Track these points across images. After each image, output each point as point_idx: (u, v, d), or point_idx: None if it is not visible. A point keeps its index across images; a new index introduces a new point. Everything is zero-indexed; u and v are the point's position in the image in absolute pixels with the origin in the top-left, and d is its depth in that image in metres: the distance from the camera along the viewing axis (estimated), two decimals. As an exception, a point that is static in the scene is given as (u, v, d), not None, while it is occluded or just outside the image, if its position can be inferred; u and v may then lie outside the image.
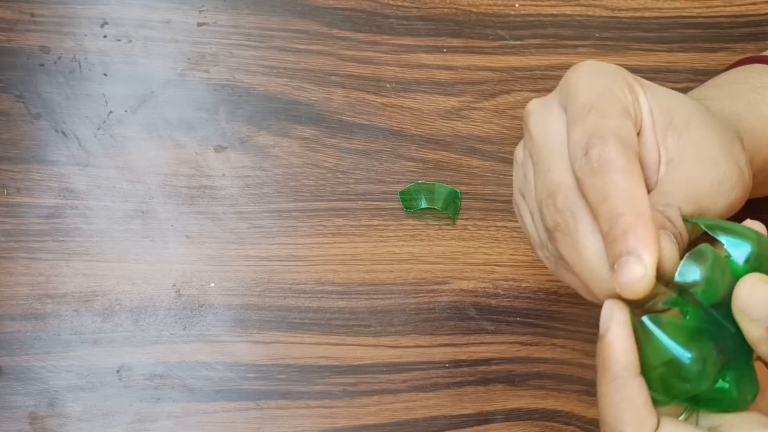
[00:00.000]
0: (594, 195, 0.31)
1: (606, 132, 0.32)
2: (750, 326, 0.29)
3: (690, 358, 0.30)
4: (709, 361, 0.30)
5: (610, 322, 0.31)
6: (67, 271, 0.50)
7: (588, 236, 0.32)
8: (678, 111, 0.35)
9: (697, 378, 0.30)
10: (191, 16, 0.53)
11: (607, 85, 0.34)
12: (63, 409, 0.48)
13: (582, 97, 0.33)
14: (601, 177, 0.31)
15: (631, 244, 0.30)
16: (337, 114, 0.53)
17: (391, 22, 0.54)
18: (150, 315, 0.49)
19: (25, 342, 0.49)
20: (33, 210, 0.50)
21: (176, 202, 0.51)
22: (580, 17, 0.55)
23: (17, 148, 0.51)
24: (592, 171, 0.31)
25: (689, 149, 0.34)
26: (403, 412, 0.49)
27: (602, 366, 0.31)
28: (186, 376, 0.49)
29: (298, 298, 0.50)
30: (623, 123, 0.32)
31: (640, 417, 0.31)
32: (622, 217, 0.30)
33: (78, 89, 0.52)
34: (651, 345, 0.31)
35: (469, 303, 0.51)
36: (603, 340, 0.31)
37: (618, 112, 0.33)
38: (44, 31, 0.52)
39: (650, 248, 0.30)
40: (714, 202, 0.34)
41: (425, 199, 0.51)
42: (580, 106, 0.33)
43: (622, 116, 0.33)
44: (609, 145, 0.31)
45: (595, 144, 0.31)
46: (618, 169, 0.31)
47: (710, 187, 0.33)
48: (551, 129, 0.35)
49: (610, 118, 0.32)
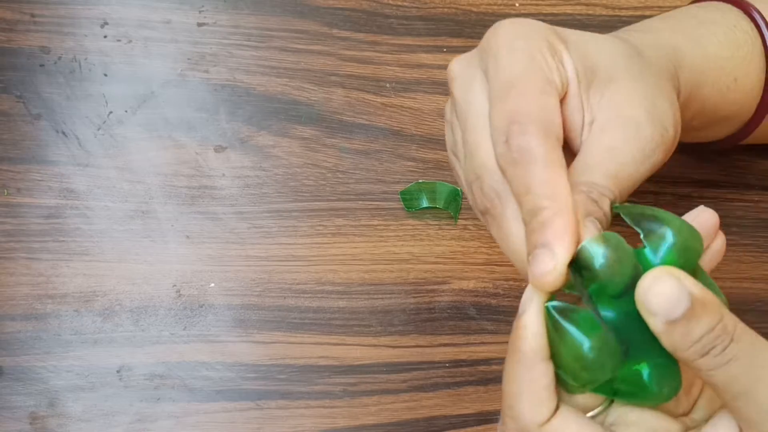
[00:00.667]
0: (516, 186, 0.32)
1: (526, 117, 0.31)
2: (651, 319, 0.28)
3: (588, 347, 0.30)
4: (606, 351, 0.30)
5: (529, 304, 0.31)
6: (67, 271, 0.50)
7: (513, 222, 0.33)
8: (602, 65, 0.34)
9: (592, 367, 0.30)
10: (191, 17, 0.53)
11: (528, 53, 0.33)
12: (63, 409, 0.48)
13: (503, 71, 0.33)
14: (523, 169, 0.31)
15: (547, 237, 0.30)
16: (337, 114, 0.53)
17: (391, 22, 0.54)
18: (150, 315, 0.50)
19: (25, 342, 0.49)
20: (33, 210, 0.50)
21: (176, 202, 0.51)
22: (580, 16, 0.55)
23: (17, 149, 0.51)
24: (514, 162, 0.31)
25: (611, 111, 0.34)
26: (403, 412, 0.49)
27: (513, 345, 0.31)
28: (186, 376, 0.49)
29: (298, 298, 0.50)
30: (545, 102, 0.32)
31: (538, 399, 0.31)
32: (543, 210, 0.30)
33: (78, 89, 0.52)
34: (558, 332, 0.31)
35: (469, 303, 0.51)
36: (519, 321, 0.31)
37: (540, 88, 0.32)
38: (44, 31, 0.52)
39: (565, 242, 0.30)
40: (637, 169, 0.33)
41: (426, 198, 0.51)
42: (501, 83, 0.33)
43: (545, 93, 0.32)
44: (529, 133, 0.31)
45: (515, 132, 0.31)
46: (539, 161, 0.31)
47: (632, 155, 0.33)
48: (475, 99, 0.34)
49: (531, 98, 0.32)
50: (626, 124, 0.33)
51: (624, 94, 0.34)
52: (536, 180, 0.31)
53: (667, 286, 0.28)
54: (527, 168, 0.31)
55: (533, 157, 0.31)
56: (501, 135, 0.32)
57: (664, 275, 0.28)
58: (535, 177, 0.31)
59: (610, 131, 0.33)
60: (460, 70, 0.36)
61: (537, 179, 0.31)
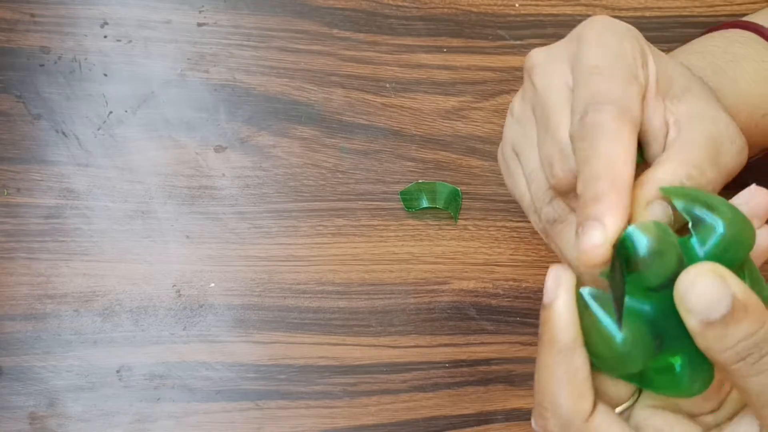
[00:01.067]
0: (578, 157, 0.31)
1: (606, 98, 0.31)
2: (687, 316, 0.27)
3: (621, 339, 0.29)
4: (639, 343, 0.29)
5: (558, 290, 0.30)
6: (67, 271, 0.50)
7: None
8: (677, 78, 0.34)
9: (624, 358, 0.29)
10: (191, 17, 0.53)
11: (617, 45, 0.33)
12: (63, 409, 0.48)
13: (590, 57, 0.33)
14: (588, 141, 0.31)
15: (599, 209, 0.29)
16: (337, 114, 0.53)
17: (391, 22, 0.54)
18: (150, 315, 0.50)
19: (25, 342, 0.49)
20: (33, 210, 0.50)
21: (176, 202, 0.51)
22: (580, 17, 0.55)
23: (17, 149, 0.51)
24: (582, 136, 0.31)
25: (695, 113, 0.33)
26: (403, 412, 0.49)
27: (547, 336, 0.30)
28: (186, 376, 0.49)
29: (298, 298, 0.50)
30: (627, 89, 0.32)
31: (579, 392, 0.30)
32: (598, 181, 0.29)
33: (78, 89, 0.52)
34: (590, 320, 0.30)
35: (469, 303, 0.51)
36: (549, 309, 0.30)
37: (624, 76, 0.32)
38: (44, 31, 0.52)
39: (616, 216, 0.29)
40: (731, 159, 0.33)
41: (426, 198, 0.51)
42: (587, 67, 0.32)
43: (628, 81, 0.32)
44: (604, 112, 0.31)
45: (592, 110, 0.31)
46: (606, 135, 0.30)
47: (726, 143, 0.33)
48: (557, 84, 0.34)
49: (614, 83, 0.31)
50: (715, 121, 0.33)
51: (703, 101, 0.34)
52: (599, 152, 0.30)
53: (708, 284, 0.26)
54: (593, 141, 0.30)
55: (601, 131, 0.30)
56: (578, 114, 0.32)
57: (707, 273, 0.27)
58: (598, 149, 0.30)
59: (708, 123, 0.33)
60: (541, 59, 0.35)
61: (600, 151, 0.30)
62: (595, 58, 0.32)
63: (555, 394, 0.30)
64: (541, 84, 0.35)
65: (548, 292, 0.30)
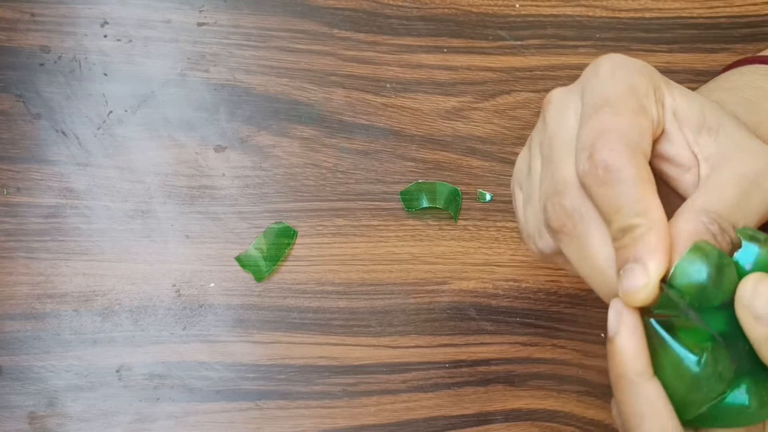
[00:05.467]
0: (604, 206, 0.31)
1: (614, 133, 0.31)
2: (753, 326, 0.27)
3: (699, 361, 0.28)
4: (722, 363, 0.28)
5: (620, 325, 0.30)
6: (66, 270, 0.50)
7: (596, 240, 0.32)
8: (710, 113, 0.33)
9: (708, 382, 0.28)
10: (191, 16, 0.53)
11: (629, 80, 0.32)
12: (62, 408, 0.48)
13: (599, 92, 0.32)
14: (611, 188, 0.30)
15: (639, 252, 0.29)
16: (337, 114, 0.53)
17: (391, 22, 0.54)
18: (150, 315, 0.49)
19: (24, 342, 0.49)
20: (33, 209, 0.50)
21: (176, 201, 0.51)
22: (580, 17, 0.55)
23: (17, 148, 0.51)
24: (599, 180, 0.30)
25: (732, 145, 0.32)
26: (403, 412, 0.49)
27: (616, 371, 0.30)
28: (186, 376, 0.49)
29: (298, 298, 0.50)
30: (637, 121, 0.31)
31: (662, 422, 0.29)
32: (636, 228, 0.29)
33: (78, 89, 0.52)
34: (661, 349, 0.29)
35: (469, 303, 0.51)
36: (613, 343, 0.30)
37: (634, 109, 0.31)
38: (44, 30, 0.52)
39: (658, 257, 0.29)
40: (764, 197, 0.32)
41: (426, 198, 0.51)
42: (595, 102, 0.32)
43: (638, 114, 0.31)
44: (615, 151, 0.30)
45: (601, 147, 0.30)
46: (628, 179, 0.30)
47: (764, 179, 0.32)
48: (567, 122, 0.34)
49: (623, 116, 0.31)
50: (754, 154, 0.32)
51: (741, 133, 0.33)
52: (627, 199, 0.30)
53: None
54: (616, 187, 0.30)
55: (622, 176, 0.30)
56: (585, 150, 0.31)
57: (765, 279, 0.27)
58: (626, 196, 0.30)
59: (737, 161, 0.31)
60: (557, 97, 0.35)
61: (628, 198, 0.30)
62: (604, 92, 0.32)
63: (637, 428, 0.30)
64: (552, 122, 0.34)
65: (611, 326, 0.30)
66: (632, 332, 0.30)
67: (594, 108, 0.32)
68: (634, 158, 0.30)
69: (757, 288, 0.27)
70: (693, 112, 0.33)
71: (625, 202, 0.30)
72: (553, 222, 0.33)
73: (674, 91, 0.34)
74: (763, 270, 0.29)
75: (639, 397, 0.29)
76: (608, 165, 0.30)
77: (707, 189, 0.32)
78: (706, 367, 0.28)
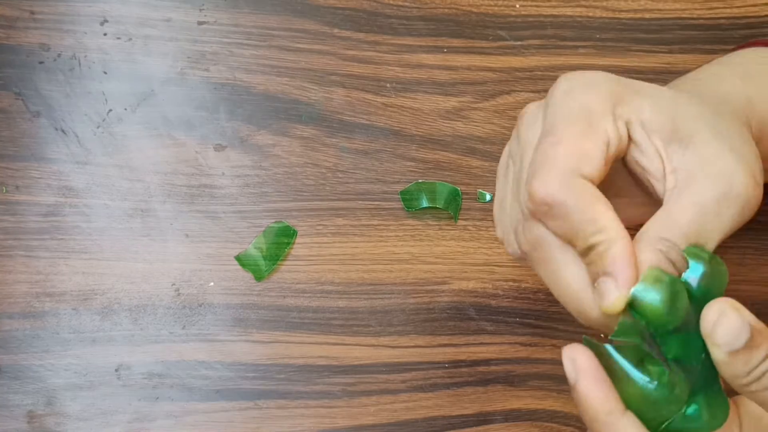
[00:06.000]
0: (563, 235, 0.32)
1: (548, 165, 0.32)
2: (714, 348, 0.30)
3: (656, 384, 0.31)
4: (679, 387, 0.31)
5: (578, 372, 0.32)
6: (65, 269, 0.49)
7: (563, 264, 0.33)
8: (682, 120, 0.34)
9: (666, 403, 0.31)
10: (191, 15, 0.53)
11: (581, 101, 0.33)
12: (61, 407, 0.48)
13: (549, 118, 0.33)
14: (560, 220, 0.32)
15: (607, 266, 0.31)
16: (337, 113, 0.53)
17: (391, 22, 0.54)
18: (149, 314, 0.49)
19: (23, 340, 0.48)
20: (32, 208, 0.50)
21: (176, 200, 0.51)
22: (580, 18, 0.55)
23: (16, 146, 0.51)
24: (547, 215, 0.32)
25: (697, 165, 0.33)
26: (403, 412, 0.49)
27: (587, 414, 0.31)
28: (185, 375, 0.49)
29: (298, 297, 0.50)
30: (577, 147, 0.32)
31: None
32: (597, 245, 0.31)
33: (77, 87, 0.52)
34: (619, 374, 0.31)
35: (468, 303, 0.51)
36: (577, 391, 0.32)
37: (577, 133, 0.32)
38: (44, 28, 0.52)
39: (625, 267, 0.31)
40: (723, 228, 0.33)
41: (426, 198, 0.51)
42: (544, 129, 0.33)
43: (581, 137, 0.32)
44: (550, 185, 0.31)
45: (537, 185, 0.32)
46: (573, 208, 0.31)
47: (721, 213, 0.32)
48: (532, 139, 0.35)
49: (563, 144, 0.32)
50: (718, 181, 0.32)
51: (713, 148, 0.33)
52: (580, 224, 0.31)
53: (732, 319, 0.29)
54: (564, 217, 0.32)
55: (564, 207, 0.31)
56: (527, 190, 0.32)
57: (728, 309, 0.29)
58: (578, 222, 0.31)
59: (700, 188, 0.32)
60: (530, 110, 0.36)
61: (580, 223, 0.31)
62: (553, 118, 0.33)
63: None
64: (523, 138, 0.35)
65: (569, 375, 0.32)
66: (592, 377, 0.31)
67: (540, 137, 0.33)
68: (571, 187, 0.31)
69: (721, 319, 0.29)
70: (662, 123, 0.33)
71: (579, 227, 0.31)
72: (523, 246, 0.35)
73: (644, 102, 0.34)
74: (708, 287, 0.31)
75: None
76: (546, 201, 0.32)
77: (665, 215, 0.33)
78: (664, 390, 0.31)
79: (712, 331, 0.30)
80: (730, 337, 0.29)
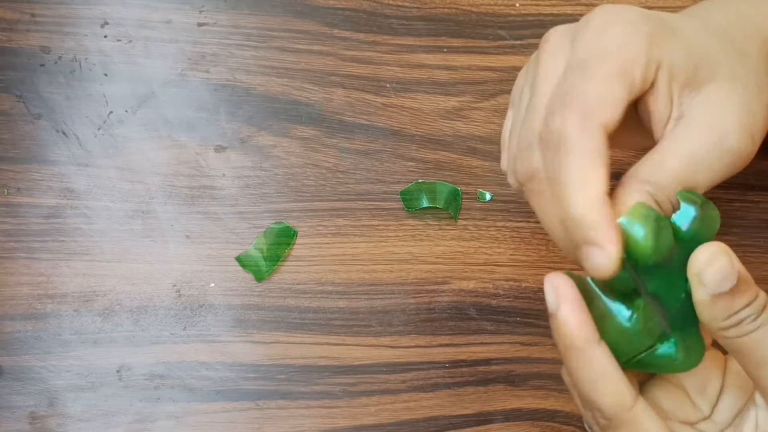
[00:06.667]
0: (549, 171, 0.32)
1: (574, 100, 0.31)
2: (699, 288, 0.30)
3: (630, 317, 0.31)
4: (652, 321, 0.31)
5: (559, 300, 0.31)
6: (67, 271, 0.50)
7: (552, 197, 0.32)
8: (705, 63, 0.33)
9: (639, 336, 0.31)
10: (192, 17, 0.53)
11: (618, 39, 0.32)
12: (63, 408, 0.48)
13: (582, 48, 0.32)
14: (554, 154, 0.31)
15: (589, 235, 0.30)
16: (337, 114, 0.53)
17: (391, 22, 0.54)
18: (150, 315, 0.50)
19: (25, 342, 0.49)
20: (33, 210, 0.50)
21: (176, 202, 0.51)
22: (580, 16, 0.54)
23: (17, 148, 0.51)
24: (549, 145, 0.31)
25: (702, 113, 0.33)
26: (403, 412, 0.49)
27: (563, 342, 0.31)
28: (186, 376, 0.49)
29: (298, 298, 0.50)
30: (605, 87, 0.31)
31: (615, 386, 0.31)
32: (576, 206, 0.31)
33: (78, 89, 0.52)
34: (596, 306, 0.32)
35: (469, 303, 0.51)
36: (557, 319, 0.31)
37: (609, 73, 0.31)
38: (45, 31, 0.52)
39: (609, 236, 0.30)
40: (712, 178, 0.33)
41: (426, 198, 0.51)
42: (575, 59, 0.32)
43: (612, 78, 0.31)
44: (569, 120, 0.31)
45: (557, 112, 0.31)
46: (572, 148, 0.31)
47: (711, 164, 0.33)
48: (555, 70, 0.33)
49: (593, 80, 0.31)
50: (714, 131, 0.32)
51: (720, 96, 0.33)
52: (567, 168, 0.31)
53: (723, 261, 0.30)
54: (558, 155, 0.31)
55: (567, 145, 0.31)
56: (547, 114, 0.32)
57: (720, 252, 0.30)
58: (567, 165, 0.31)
59: (695, 135, 0.33)
60: (554, 37, 0.35)
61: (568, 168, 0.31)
62: (586, 49, 0.32)
63: (593, 392, 0.31)
64: (542, 65, 0.34)
65: (550, 303, 0.32)
66: (573, 305, 0.31)
67: (571, 67, 0.32)
68: (584, 126, 0.31)
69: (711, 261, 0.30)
70: (686, 69, 0.33)
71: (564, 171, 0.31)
72: (520, 175, 0.34)
73: (677, 45, 0.33)
74: (698, 230, 0.31)
75: (590, 362, 0.31)
76: (558, 132, 0.31)
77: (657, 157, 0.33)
78: (637, 323, 0.31)
79: (702, 270, 0.30)
80: (718, 279, 0.29)
